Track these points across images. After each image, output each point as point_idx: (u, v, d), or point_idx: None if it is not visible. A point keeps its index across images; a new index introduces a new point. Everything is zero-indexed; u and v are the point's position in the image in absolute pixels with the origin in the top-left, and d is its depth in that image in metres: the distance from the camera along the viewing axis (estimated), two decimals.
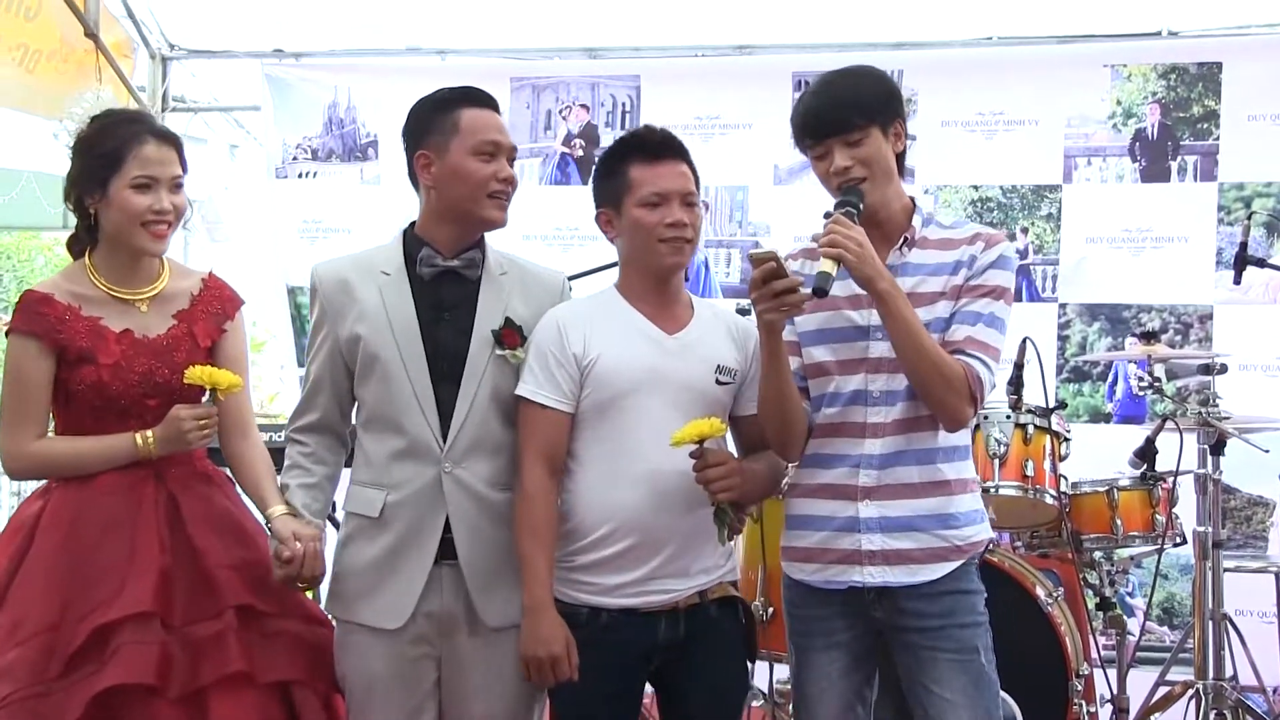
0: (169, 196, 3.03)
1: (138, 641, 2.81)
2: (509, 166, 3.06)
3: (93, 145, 3.05)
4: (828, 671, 2.97)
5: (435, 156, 3.03)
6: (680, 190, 3.00)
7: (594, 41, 6.12)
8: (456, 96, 3.08)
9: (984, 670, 2.88)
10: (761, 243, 5.91)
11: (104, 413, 3.02)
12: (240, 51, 6.37)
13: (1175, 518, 4.57)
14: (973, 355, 2.85)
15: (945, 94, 5.89)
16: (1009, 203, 5.87)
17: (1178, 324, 5.69)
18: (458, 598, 2.98)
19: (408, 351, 2.99)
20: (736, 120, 5.96)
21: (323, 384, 3.08)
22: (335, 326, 3.04)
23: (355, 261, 3.12)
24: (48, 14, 5.32)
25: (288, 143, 6.29)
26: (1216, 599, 4.43)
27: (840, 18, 5.73)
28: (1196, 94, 5.73)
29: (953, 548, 2.89)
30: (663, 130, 3.11)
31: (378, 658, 2.98)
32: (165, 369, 3.04)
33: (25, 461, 3.07)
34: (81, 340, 3.00)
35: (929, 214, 3.04)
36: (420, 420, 2.98)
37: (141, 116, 3.15)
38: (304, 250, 6.10)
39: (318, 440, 3.09)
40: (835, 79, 3.01)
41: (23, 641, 2.82)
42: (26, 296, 3.05)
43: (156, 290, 3.12)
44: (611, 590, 2.93)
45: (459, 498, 2.98)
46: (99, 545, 2.93)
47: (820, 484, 2.97)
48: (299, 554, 2.90)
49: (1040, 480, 4.37)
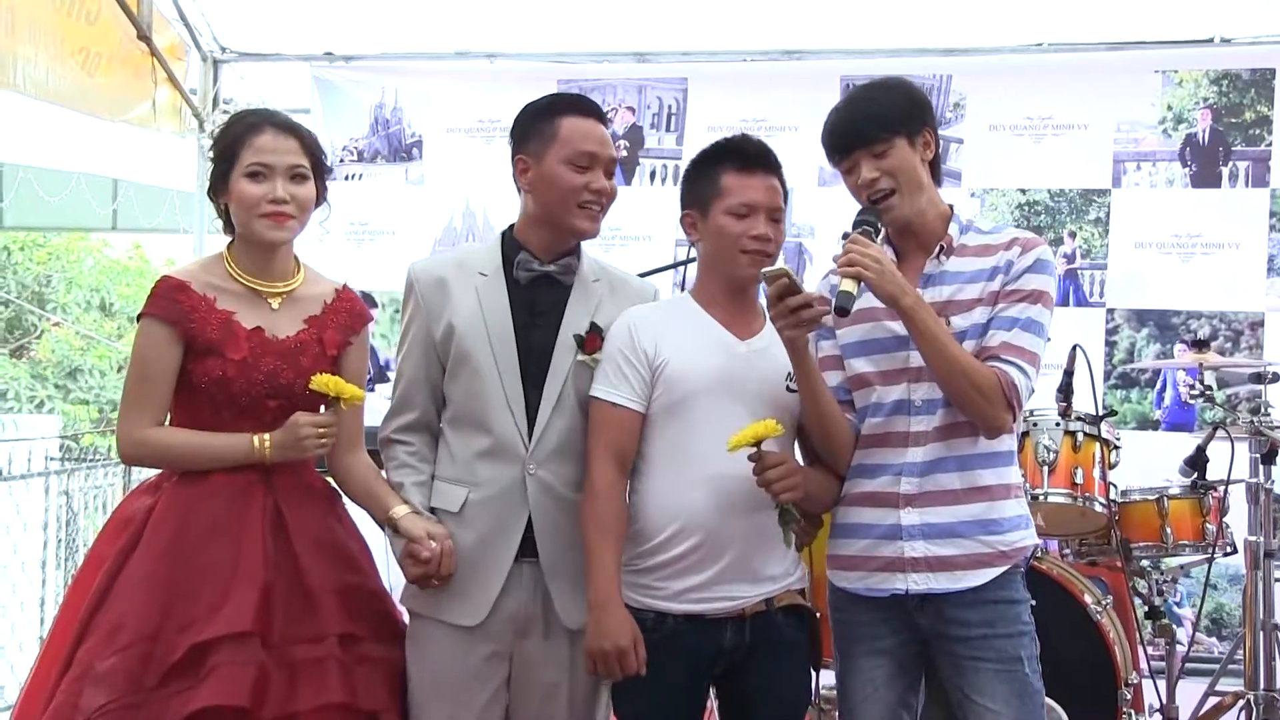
0: (286, 185, 3.00)
1: (235, 662, 2.79)
2: (605, 178, 3.07)
3: (218, 143, 3.07)
4: (872, 678, 2.97)
5: (532, 162, 3.06)
6: (769, 204, 3.00)
7: (642, 45, 6.12)
8: (561, 104, 3.12)
9: (1027, 680, 2.87)
10: (805, 244, 5.92)
11: (223, 408, 3.00)
12: (290, 54, 6.41)
13: (1226, 527, 4.54)
14: (1007, 361, 2.84)
15: (994, 98, 5.87)
16: (1056, 207, 5.84)
17: (1228, 331, 5.64)
18: (536, 597, 3.00)
19: (500, 352, 3.02)
20: (782, 123, 5.92)
21: (418, 382, 3.10)
22: (430, 324, 3.07)
23: (452, 261, 3.17)
24: (107, 18, 5.39)
25: (335, 145, 6.32)
26: (1267, 609, 4.39)
27: (889, 23, 5.71)
28: (1249, 100, 5.68)
29: (997, 553, 2.89)
30: (759, 141, 3.10)
31: (453, 654, 2.99)
32: (290, 371, 3.02)
33: (140, 448, 3.03)
34: (212, 332, 2.98)
35: (968, 221, 3.04)
36: (508, 420, 3.01)
37: (264, 110, 3.13)
38: (350, 252, 6.13)
39: (420, 439, 3.10)
40: (859, 93, 3.05)
41: (122, 649, 2.80)
42: (163, 283, 3.03)
43: (291, 288, 3.11)
44: (678, 595, 2.93)
45: (541, 498, 3.01)
46: (203, 551, 2.91)
47: (863, 493, 2.98)
48: (436, 553, 2.92)
49: (1089, 488, 4.36)
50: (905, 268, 2.98)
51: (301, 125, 3.12)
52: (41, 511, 7.81)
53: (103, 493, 8.27)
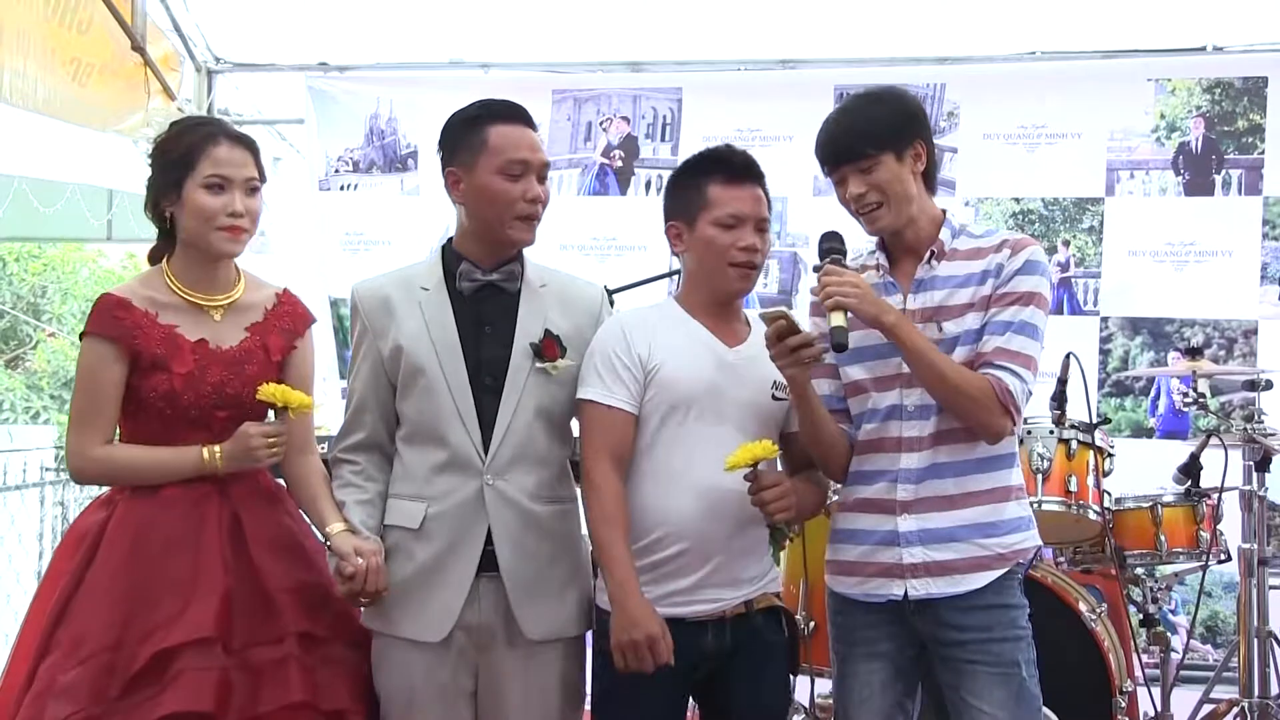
0: (243, 199, 3.01)
1: (198, 668, 2.80)
2: (538, 184, 3.03)
3: (167, 149, 3.05)
4: (869, 681, 2.98)
5: (464, 174, 3.03)
6: (756, 215, 3.02)
7: (637, 55, 6.14)
8: (486, 113, 3.06)
9: (1025, 684, 2.88)
10: (800, 254, 5.92)
11: (173, 422, 3.01)
12: (285, 65, 6.42)
13: (1220, 534, 4.55)
14: (1001, 366, 2.85)
15: (987, 107, 5.88)
16: (1050, 215, 5.85)
17: (1221, 339, 5.65)
18: (496, 610, 2.98)
19: (449, 365, 3.00)
20: (777, 132, 5.93)
21: (367, 402, 3.08)
22: (378, 343, 3.05)
23: (395, 279, 3.13)
24: (99, 28, 5.35)
25: (330, 155, 6.33)
26: (1261, 616, 4.40)
27: (883, 32, 5.73)
28: (1241, 108, 5.70)
29: (995, 556, 2.90)
30: (744, 152, 3.11)
31: (418, 671, 2.97)
32: (237, 381, 3.03)
33: (91, 466, 3.04)
34: (157, 347, 2.99)
35: (961, 225, 3.05)
36: (462, 433, 2.98)
37: (215, 120, 3.15)
38: (346, 262, 6.15)
39: (367, 458, 3.08)
40: (851, 105, 3.06)
41: (84, 660, 2.81)
42: (104, 300, 3.04)
43: (232, 299, 3.11)
44: (660, 599, 2.93)
45: (501, 510, 2.98)
46: (162, 562, 2.92)
47: (861, 499, 3.00)
48: (362, 569, 2.89)
49: (1083, 496, 4.35)
50: (898, 273, 3.01)
51: (249, 136, 3.13)
52: (36, 522, 7.80)
53: None
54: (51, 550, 7.68)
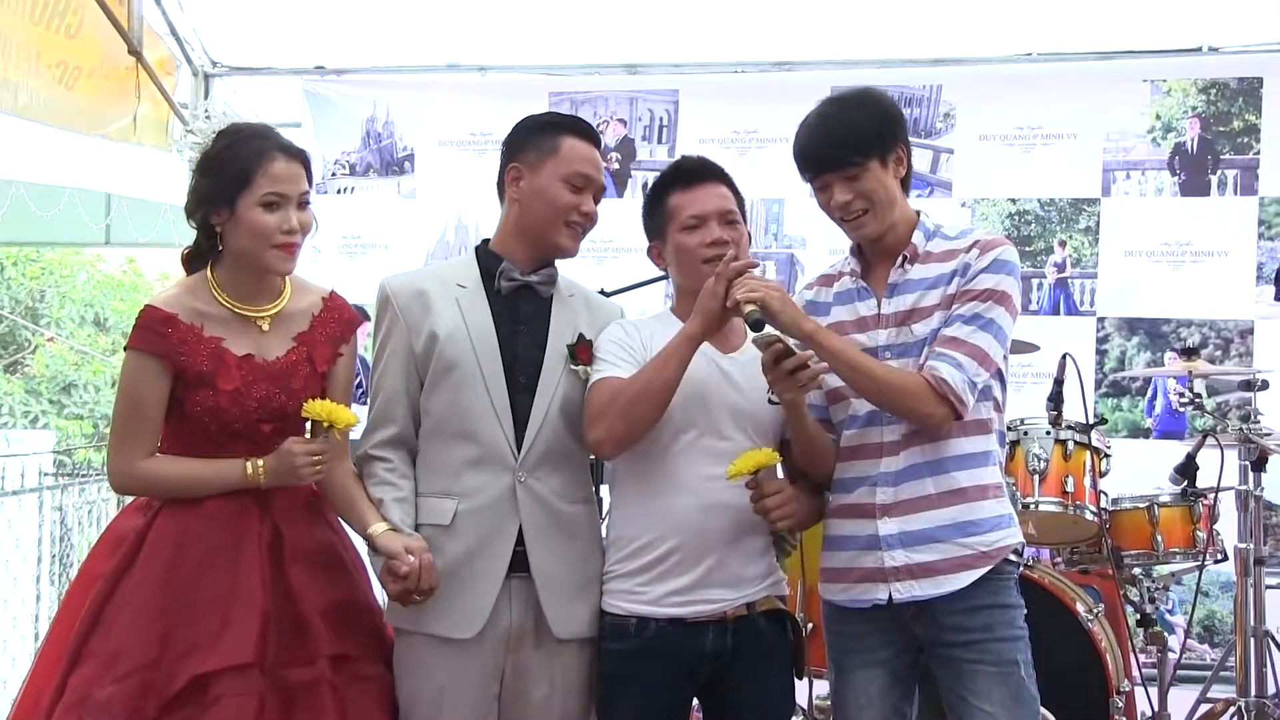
0: (297, 214, 2.96)
1: (237, 693, 2.78)
2: (594, 204, 3.09)
3: (222, 162, 2.96)
4: (866, 688, 2.98)
5: (527, 172, 3.08)
6: (718, 209, 3.03)
7: (633, 57, 6.13)
8: (566, 122, 3.15)
9: (1024, 684, 2.88)
10: (796, 255, 5.94)
11: (216, 434, 2.97)
12: (282, 68, 6.41)
13: (1216, 534, 4.55)
14: (940, 355, 2.85)
15: (983, 108, 5.89)
16: (1047, 216, 5.85)
17: (1218, 339, 5.65)
18: (528, 610, 2.99)
19: (485, 361, 3.02)
20: (774, 134, 5.90)
21: (398, 396, 3.07)
22: (410, 337, 3.05)
23: (429, 274, 3.19)
24: (89, 31, 5.31)
25: (326, 158, 6.33)
26: (1258, 616, 4.42)
27: (879, 34, 5.72)
28: (1237, 108, 5.70)
29: (977, 554, 2.89)
30: (699, 157, 3.15)
31: (445, 669, 2.97)
32: (282, 395, 2.99)
33: (133, 481, 3.01)
34: (203, 363, 2.94)
35: (935, 226, 3.04)
36: (496, 429, 3.00)
37: (268, 132, 3.05)
38: (343, 266, 6.12)
39: (399, 454, 3.07)
40: (831, 110, 3.01)
41: (121, 678, 2.78)
42: (149, 314, 2.97)
43: (278, 308, 3.06)
44: (659, 599, 2.94)
45: (532, 508, 3.00)
46: (201, 576, 2.88)
47: (844, 505, 3.01)
48: (415, 567, 2.87)
49: (1080, 496, 4.36)
50: (872, 279, 3.02)
51: (301, 147, 3.07)
52: (35, 527, 7.81)
53: (96, 508, 8.27)
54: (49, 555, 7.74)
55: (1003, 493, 2.99)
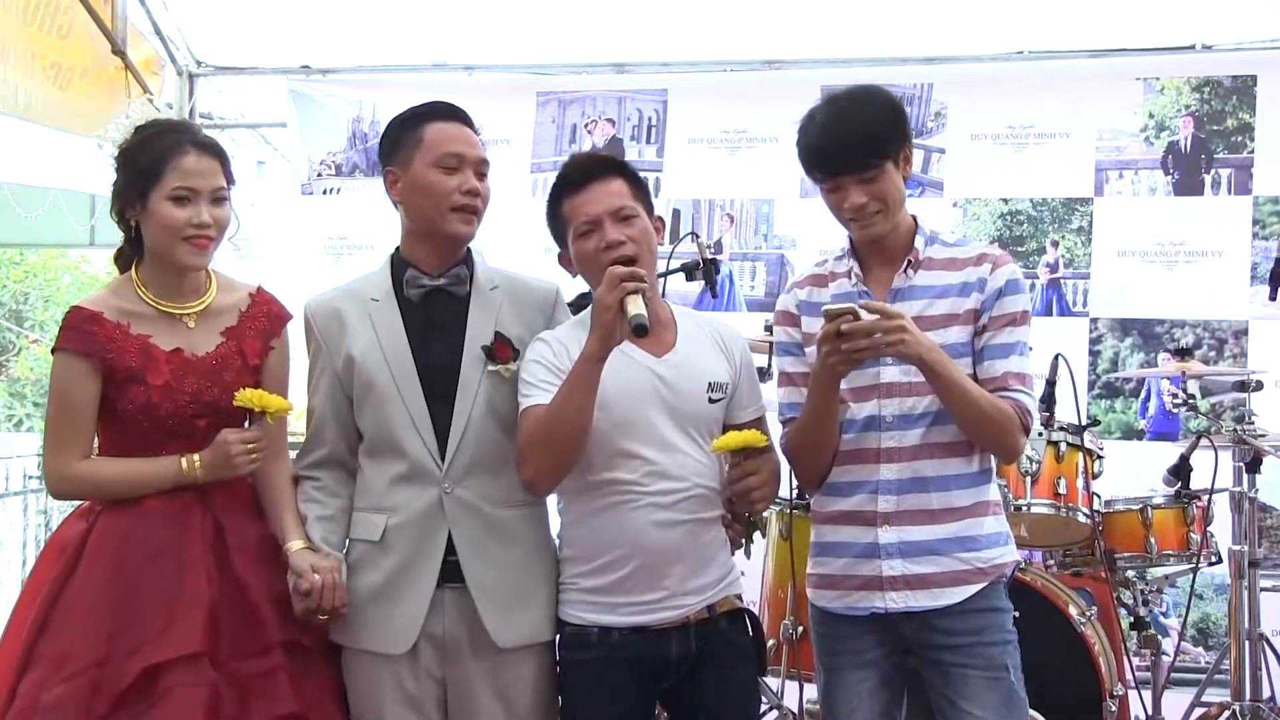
0: (210, 209, 2.95)
1: (188, 684, 2.77)
2: (475, 179, 3.01)
3: (133, 156, 2.98)
4: (857, 690, 2.95)
5: (400, 172, 3.03)
6: (609, 209, 2.93)
7: (622, 56, 6.11)
8: (422, 111, 3.08)
9: (1013, 688, 2.87)
10: (786, 256, 5.92)
11: (151, 433, 2.96)
12: (267, 68, 6.40)
13: (1210, 536, 4.53)
14: (1016, 390, 2.87)
15: (975, 107, 5.87)
16: (1039, 216, 5.83)
17: (1211, 340, 5.62)
18: (461, 621, 2.95)
19: (400, 373, 2.97)
20: (763, 134, 5.92)
21: (326, 418, 3.06)
22: (332, 358, 3.04)
23: (344, 292, 3.12)
24: (80, 32, 5.34)
25: (312, 159, 6.30)
26: (1253, 619, 4.39)
27: (870, 32, 5.71)
28: (1230, 107, 5.68)
29: (975, 570, 2.88)
30: (588, 153, 3.08)
31: (385, 684, 2.95)
32: (214, 388, 2.99)
33: (70, 483, 3.01)
34: (131, 360, 2.94)
35: (933, 232, 3.02)
36: (418, 442, 2.96)
37: (183, 126, 3.06)
38: (328, 266, 6.09)
39: (329, 474, 3.06)
40: (844, 110, 2.93)
41: (70, 677, 2.76)
42: (74, 314, 2.97)
43: (204, 304, 3.06)
44: (620, 608, 2.90)
45: (462, 517, 2.95)
46: (146, 575, 2.87)
47: (840, 511, 2.97)
48: (317, 585, 2.87)
49: (1073, 498, 4.34)
50: (872, 281, 2.97)
51: (217, 142, 3.08)
52: (20, 531, 7.78)
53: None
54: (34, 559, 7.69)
55: (1000, 510, 2.99)
